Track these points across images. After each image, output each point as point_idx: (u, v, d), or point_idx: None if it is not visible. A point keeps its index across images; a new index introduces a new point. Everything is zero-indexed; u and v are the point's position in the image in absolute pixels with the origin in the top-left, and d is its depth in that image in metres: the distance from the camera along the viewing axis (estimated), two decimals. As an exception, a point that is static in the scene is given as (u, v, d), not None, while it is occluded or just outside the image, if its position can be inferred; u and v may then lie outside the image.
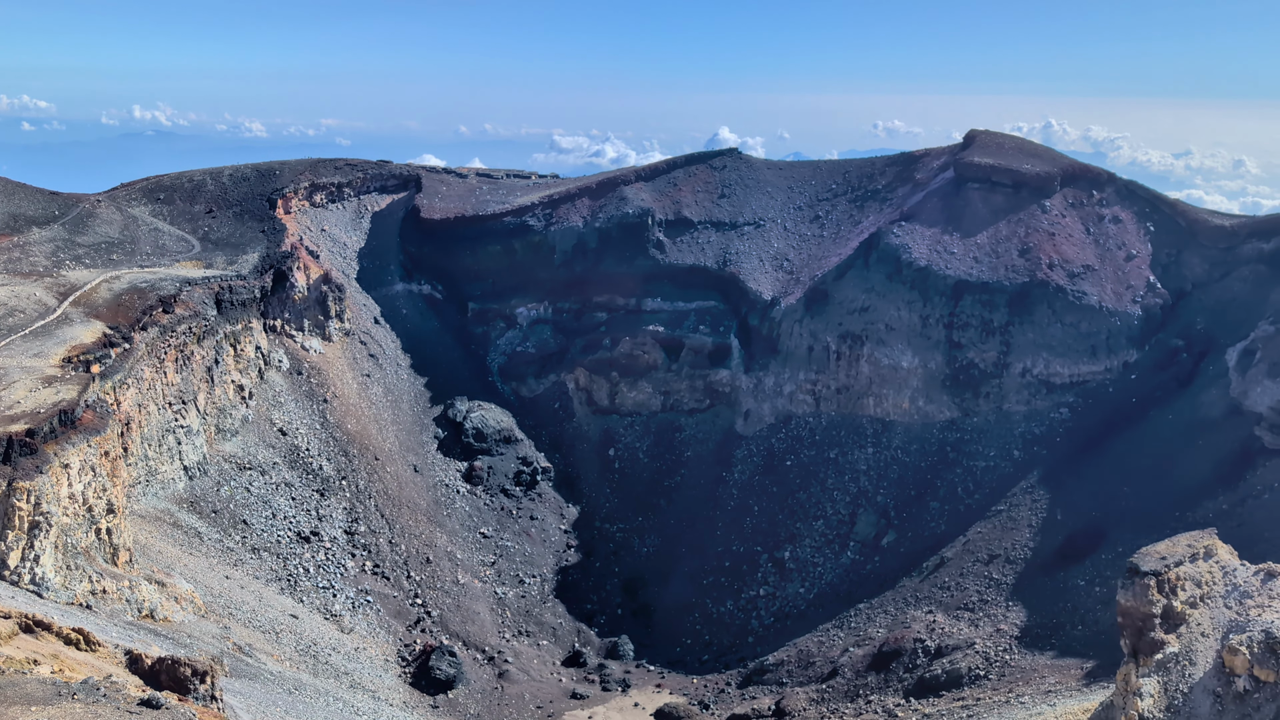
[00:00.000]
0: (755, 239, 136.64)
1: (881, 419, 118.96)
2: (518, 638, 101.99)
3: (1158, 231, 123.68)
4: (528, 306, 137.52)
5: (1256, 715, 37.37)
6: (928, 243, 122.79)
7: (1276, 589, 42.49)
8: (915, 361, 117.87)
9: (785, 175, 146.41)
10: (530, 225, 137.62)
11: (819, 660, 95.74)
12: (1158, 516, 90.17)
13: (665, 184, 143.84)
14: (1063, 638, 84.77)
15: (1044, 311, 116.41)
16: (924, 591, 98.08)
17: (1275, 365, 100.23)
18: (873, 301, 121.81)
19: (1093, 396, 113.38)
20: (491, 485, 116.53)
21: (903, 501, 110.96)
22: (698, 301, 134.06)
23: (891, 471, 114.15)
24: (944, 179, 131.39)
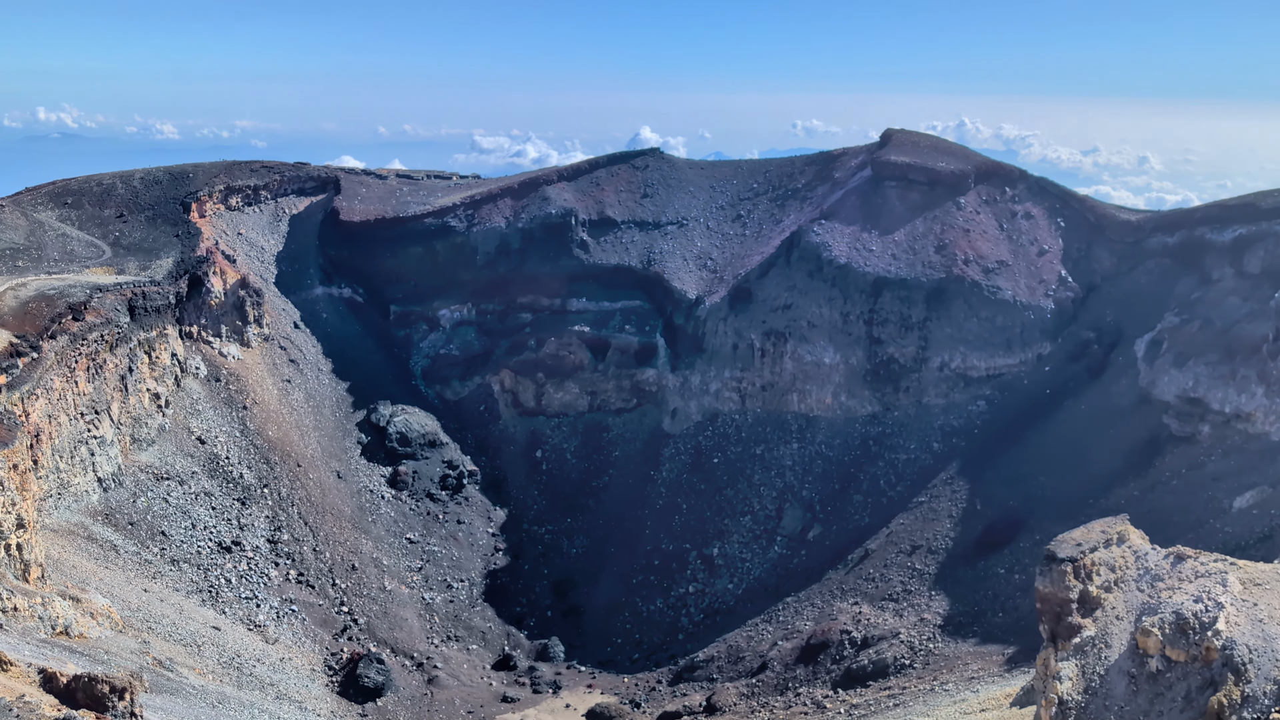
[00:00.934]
0: (679, 238, 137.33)
1: (806, 415, 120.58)
2: (446, 643, 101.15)
3: (1068, 227, 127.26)
4: (451, 308, 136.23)
5: (1168, 694, 38.74)
6: (847, 240, 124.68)
7: (1186, 571, 44.05)
8: (837, 357, 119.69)
9: (707, 175, 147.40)
10: (452, 226, 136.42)
11: (748, 655, 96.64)
12: (1073, 504, 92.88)
13: (588, 184, 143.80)
14: (984, 625, 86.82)
15: (960, 306, 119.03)
16: (850, 583, 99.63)
17: (1181, 355, 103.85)
18: (795, 299, 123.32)
19: (1008, 389, 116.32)
20: (417, 490, 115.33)
21: (827, 495, 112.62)
22: (623, 301, 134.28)
23: (816, 466, 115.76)
24: (862, 178, 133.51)
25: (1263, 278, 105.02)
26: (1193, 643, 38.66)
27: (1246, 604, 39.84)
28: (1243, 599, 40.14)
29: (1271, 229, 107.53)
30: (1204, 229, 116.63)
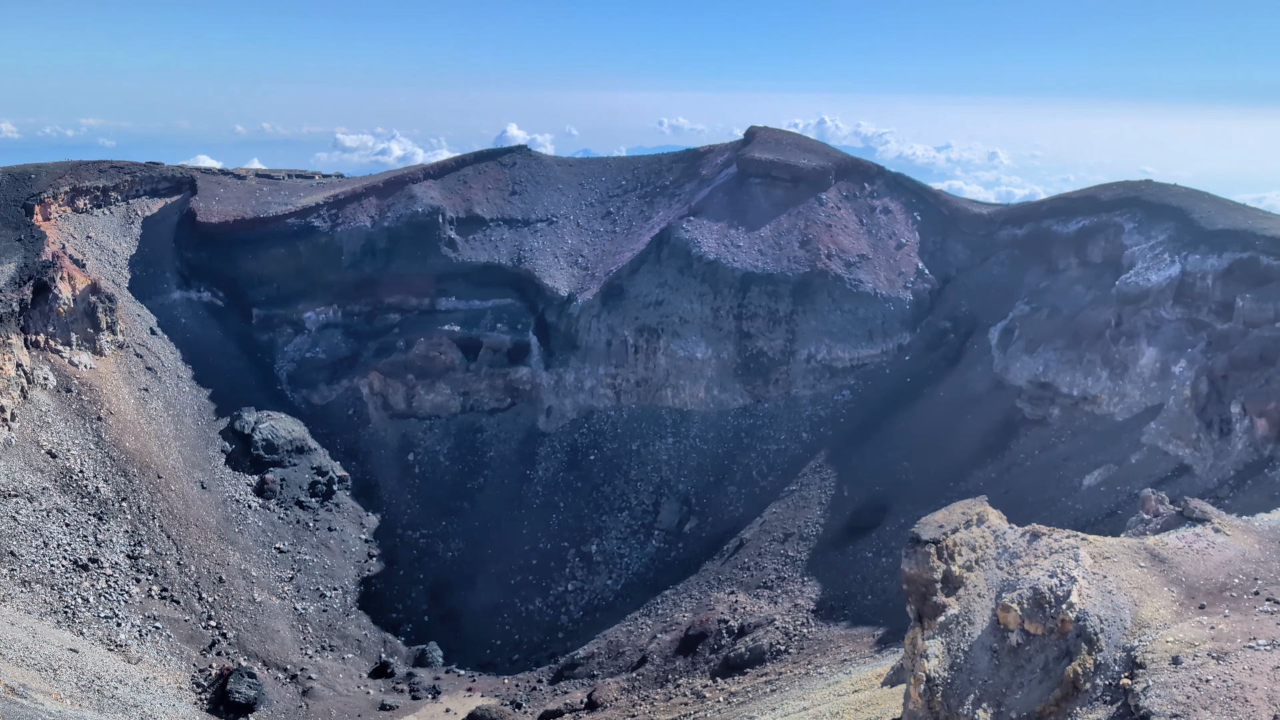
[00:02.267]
0: (549, 236, 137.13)
1: (680, 409, 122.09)
2: (321, 653, 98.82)
3: (924, 221, 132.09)
4: (316, 311, 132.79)
5: (1028, 665, 40.72)
6: (715, 237, 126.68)
7: (1041, 548, 46.32)
8: (709, 352, 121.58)
9: (576, 172, 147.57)
10: (316, 227, 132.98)
11: (628, 649, 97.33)
12: (935, 487, 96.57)
13: (455, 182, 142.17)
14: (855, 608, 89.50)
15: (825, 300, 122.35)
16: (726, 573, 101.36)
17: (1032, 342, 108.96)
18: (666, 295, 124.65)
19: (871, 378, 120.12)
20: (285, 498, 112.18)
21: (702, 488, 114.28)
22: (494, 300, 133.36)
23: (691, 459, 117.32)
24: (728, 174, 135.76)
25: (1104, 266, 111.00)
26: (1049, 616, 40.69)
27: (1097, 577, 42.16)
28: (1093, 572, 42.47)
29: (1111, 220, 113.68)
30: (1050, 221, 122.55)
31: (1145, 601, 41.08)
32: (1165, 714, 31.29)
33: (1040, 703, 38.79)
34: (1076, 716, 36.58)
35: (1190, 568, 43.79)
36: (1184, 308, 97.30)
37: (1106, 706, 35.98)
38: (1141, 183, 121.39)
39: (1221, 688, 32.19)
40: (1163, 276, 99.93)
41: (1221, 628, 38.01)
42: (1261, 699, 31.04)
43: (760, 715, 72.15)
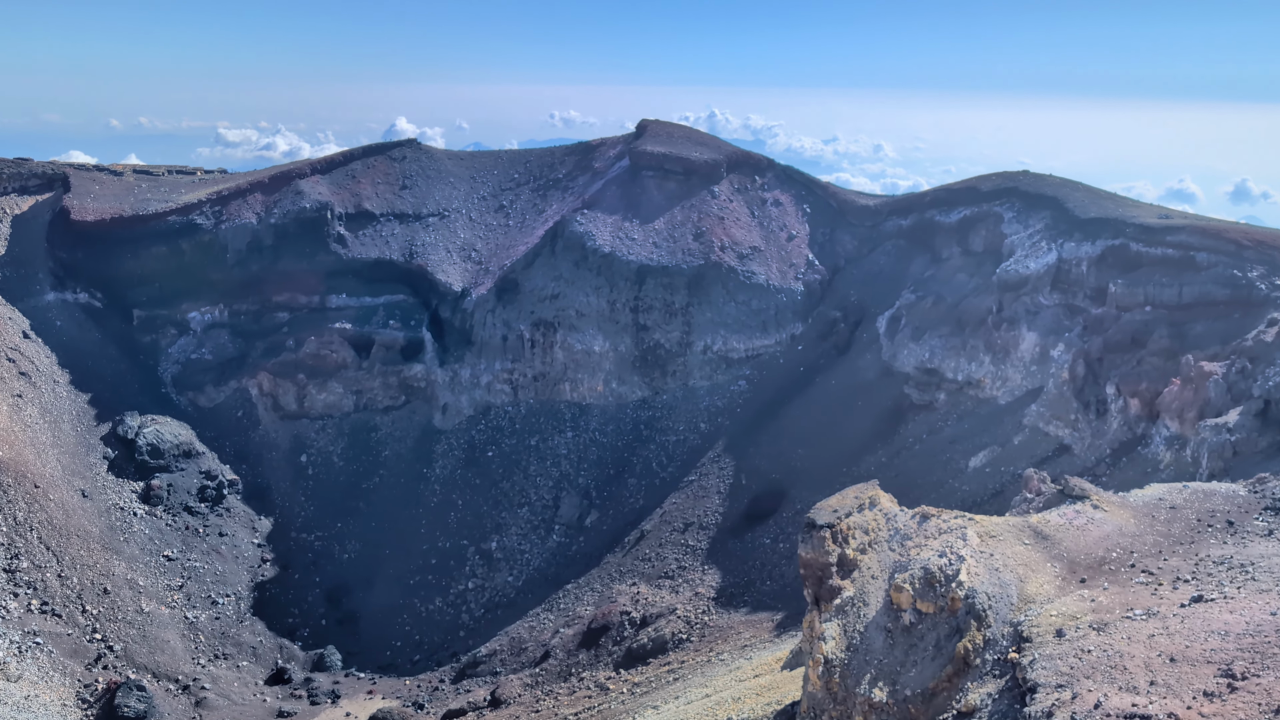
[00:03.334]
0: (441, 230, 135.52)
1: (578, 403, 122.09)
2: (214, 662, 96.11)
3: (813, 212, 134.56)
4: (201, 310, 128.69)
5: (921, 644, 41.97)
6: (610, 229, 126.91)
7: (931, 529, 47.74)
8: (606, 345, 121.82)
9: (467, 165, 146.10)
10: (199, 224, 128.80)
11: (531, 645, 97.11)
12: (829, 473, 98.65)
13: (343, 176, 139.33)
14: (754, 594, 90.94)
15: (719, 291, 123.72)
16: (627, 565, 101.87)
17: (918, 330, 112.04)
18: (562, 289, 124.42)
19: (766, 368, 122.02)
20: (173, 504, 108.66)
21: (603, 481, 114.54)
22: (386, 296, 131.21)
23: (590, 453, 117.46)
24: (621, 167, 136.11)
25: (985, 255, 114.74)
26: (940, 594, 41.97)
27: (984, 555, 43.65)
28: (981, 551, 43.95)
29: (991, 210, 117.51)
30: (933, 211, 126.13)
31: (1030, 577, 42.70)
32: (1050, 685, 32.60)
33: (933, 679, 40.02)
34: (968, 691, 37.86)
35: (1071, 544, 45.67)
36: (1061, 294, 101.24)
37: (996, 680, 37.31)
38: (1019, 173, 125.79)
39: (1102, 658, 33.67)
40: (1040, 264, 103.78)
41: (1101, 600, 39.75)
42: (1139, 666, 32.57)
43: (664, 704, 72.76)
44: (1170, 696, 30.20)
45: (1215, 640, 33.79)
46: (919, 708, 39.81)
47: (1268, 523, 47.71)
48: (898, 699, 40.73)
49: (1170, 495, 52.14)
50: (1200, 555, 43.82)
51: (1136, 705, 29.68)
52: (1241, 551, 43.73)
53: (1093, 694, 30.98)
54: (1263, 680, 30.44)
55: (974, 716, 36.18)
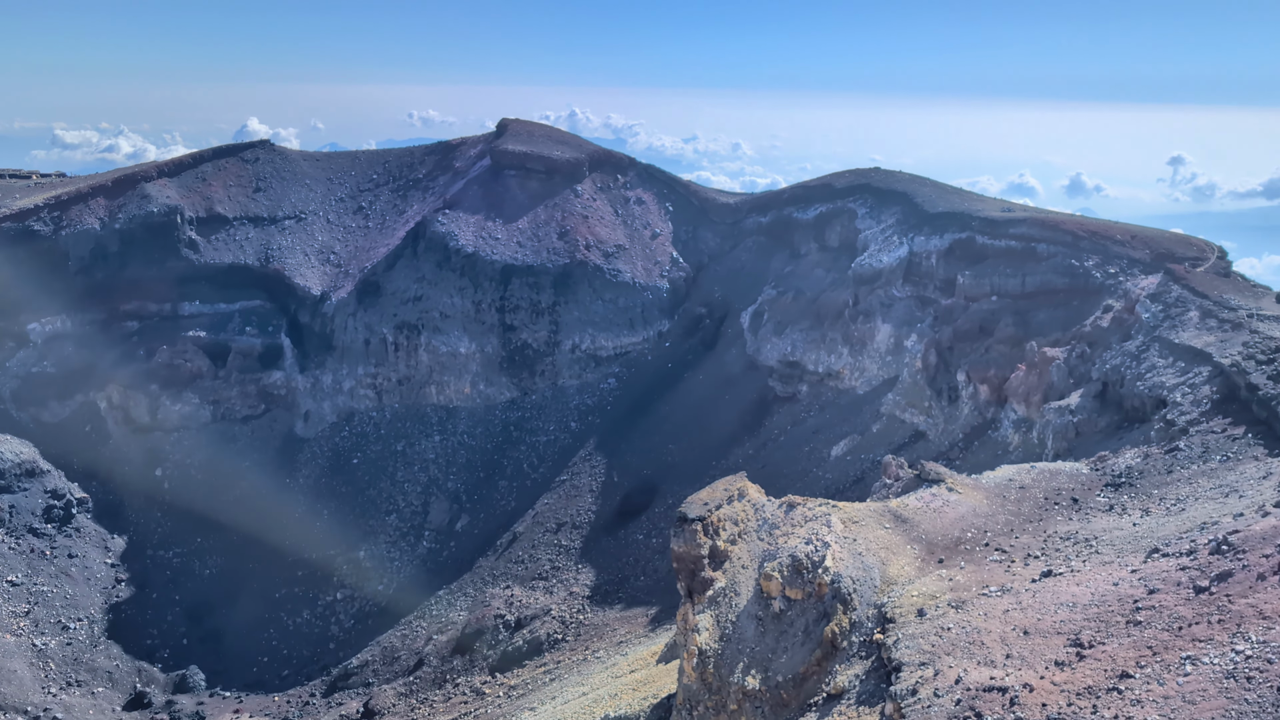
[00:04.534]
0: (298, 233, 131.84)
1: (445, 406, 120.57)
2: (67, 689, 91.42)
3: (676, 210, 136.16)
4: (42, 321, 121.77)
5: (790, 630, 43.06)
6: (473, 229, 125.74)
7: (797, 517, 48.99)
8: (473, 346, 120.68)
9: (324, 166, 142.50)
10: (36, 231, 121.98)
11: (404, 654, 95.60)
12: (699, 467, 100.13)
13: (193, 179, 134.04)
14: (628, 590, 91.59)
15: (586, 290, 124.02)
16: (500, 568, 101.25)
17: (780, 324, 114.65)
18: (425, 290, 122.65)
19: (634, 365, 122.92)
20: (16, 526, 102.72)
21: (472, 484, 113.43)
22: (241, 302, 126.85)
23: (459, 456, 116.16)
24: (482, 167, 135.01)
25: (841, 250, 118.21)
26: (807, 581, 43.11)
27: (848, 540, 45.02)
28: (844, 536, 45.32)
29: (846, 206, 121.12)
30: (791, 209, 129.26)
31: (892, 560, 44.27)
32: (914, 663, 33.89)
33: (803, 664, 41.09)
34: (836, 674, 39.03)
35: (929, 526, 47.52)
36: (912, 286, 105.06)
37: (863, 662, 38.57)
38: (871, 170, 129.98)
39: (961, 634, 35.17)
40: (893, 258, 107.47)
41: (958, 579, 41.50)
42: (995, 641, 34.15)
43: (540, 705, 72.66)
44: (1025, 668, 31.79)
45: (1064, 612, 35.70)
46: (790, 693, 40.83)
47: (1108, 498, 50.60)
48: (770, 685, 41.67)
49: (1019, 476, 54.78)
50: (1048, 532, 46.19)
51: (994, 678, 31.16)
52: (1086, 526, 46.28)
53: (953, 670, 32.36)
54: (1108, 647, 32.34)
55: (843, 698, 37.31)
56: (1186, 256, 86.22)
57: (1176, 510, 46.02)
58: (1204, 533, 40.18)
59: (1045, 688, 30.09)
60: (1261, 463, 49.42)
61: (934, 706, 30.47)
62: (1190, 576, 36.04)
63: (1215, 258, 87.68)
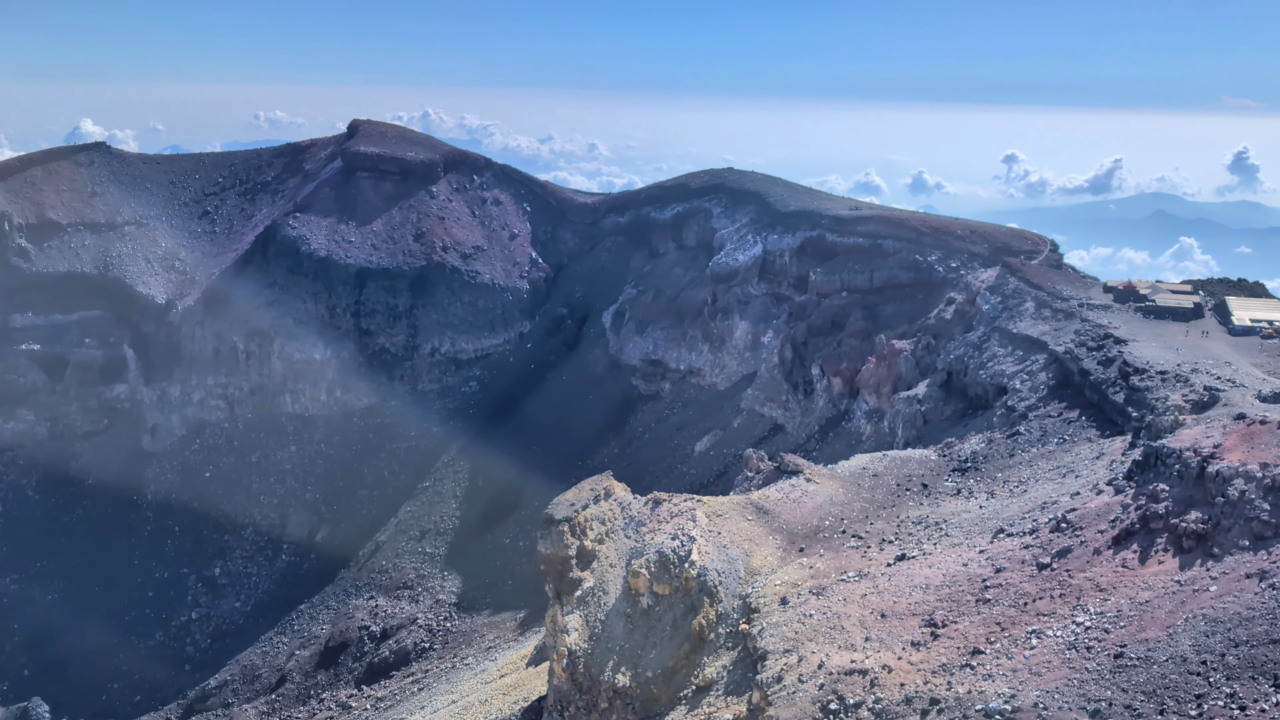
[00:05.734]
0: (139, 240, 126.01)
1: (301, 415, 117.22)
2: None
3: (534, 211, 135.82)
4: None
5: (659, 625, 43.65)
6: (325, 233, 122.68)
7: (663, 514, 49.68)
8: (328, 353, 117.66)
9: (165, 170, 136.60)
10: None
11: (265, 671, 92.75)
12: (564, 468, 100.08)
13: (22, 184, 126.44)
14: (496, 595, 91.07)
15: (444, 292, 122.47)
16: (364, 579, 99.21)
17: (641, 323, 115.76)
18: (277, 296, 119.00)
19: (496, 368, 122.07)
20: None
21: (332, 494, 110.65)
22: (79, 312, 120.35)
23: (317, 466, 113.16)
24: (334, 169, 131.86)
25: (699, 249, 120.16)
26: (674, 576, 43.77)
27: (713, 534, 45.91)
28: (709, 530, 46.20)
29: (701, 206, 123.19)
30: (648, 208, 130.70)
31: (755, 551, 45.36)
32: (778, 651, 34.85)
33: (673, 658, 41.73)
34: (705, 666, 39.79)
35: (789, 516, 48.87)
36: (768, 283, 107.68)
37: (730, 652, 39.43)
38: (725, 170, 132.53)
39: (823, 620, 36.35)
40: (748, 256, 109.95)
41: (819, 566, 42.83)
42: (855, 625, 35.42)
43: (410, 716, 71.66)
44: (883, 650, 33.10)
45: (919, 594, 37.29)
46: (660, 688, 41.41)
47: (956, 482, 53.00)
48: (640, 681, 42.17)
49: (872, 464, 56.86)
50: (901, 517, 48.09)
51: (855, 661, 32.34)
52: (936, 510, 48.38)
53: (816, 655, 33.44)
54: (960, 626, 33.96)
55: (711, 690, 38.09)
56: (1022, 250, 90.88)
57: (1019, 492, 48.53)
58: (1044, 512, 42.53)
59: (903, 668, 31.40)
60: (1094, 444, 52.56)
61: (799, 692, 31.43)
62: (1033, 554, 38.12)
63: (1048, 251, 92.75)
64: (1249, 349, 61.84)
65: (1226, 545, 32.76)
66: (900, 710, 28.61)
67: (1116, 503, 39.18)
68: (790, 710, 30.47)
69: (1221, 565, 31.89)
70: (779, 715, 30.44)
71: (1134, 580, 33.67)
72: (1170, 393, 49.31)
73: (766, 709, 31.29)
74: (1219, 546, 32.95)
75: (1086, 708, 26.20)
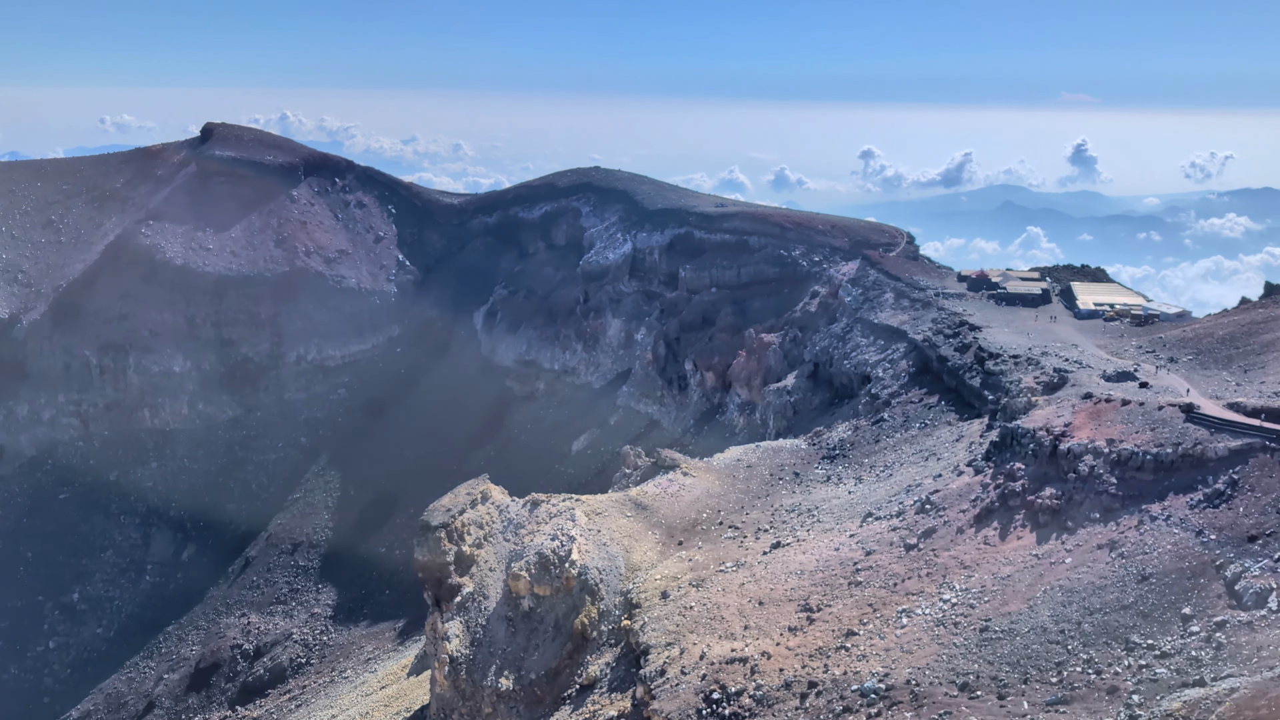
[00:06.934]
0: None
1: (162, 430, 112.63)
2: None
3: (400, 213, 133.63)
4: None
5: (541, 627, 43.74)
6: (181, 241, 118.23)
7: (541, 514, 49.76)
8: (188, 365, 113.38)
9: (3, 177, 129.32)
10: None
11: (131, 698, 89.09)
12: (439, 473, 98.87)
13: None
14: (374, 605, 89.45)
15: (308, 298, 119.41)
16: (234, 596, 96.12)
17: (513, 324, 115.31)
18: (132, 308, 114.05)
19: (366, 373, 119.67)
20: None
21: (198, 511, 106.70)
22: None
23: (181, 482, 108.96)
24: (188, 174, 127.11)
25: (569, 248, 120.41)
26: (555, 576, 43.93)
27: (592, 532, 46.22)
28: (589, 529, 46.49)
29: (570, 205, 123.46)
30: (516, 208, 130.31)
31: (635, 547, 45.85)
32: (661, 644, 35.35)
33: (556, 659, 41.88)
34: (588, 665, 40.06)
35: (668, 510, 49.53)
36: (638, 281, 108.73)
37: (613, 649, 39.80)
38: (592, 169, 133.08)
39: (703, 611, 37.00)
40: (618, 254, 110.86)
41: (698, 558, 43.58)
42: (734, 614, 36.17)
43: (289, 733, 69.94)
44: (762, 637, 33.92)
45: (794, 580, 38.31)
46: (545, 689, 41.52)
47: (826, 470, 54.58)
48: (524, 684, 42.19)
49: (746, 455, 58.10)
50: (775, 506, 49.29)
51: (735, 650, 33.06)
52: (808, 498, 49.75)
53: (697, 647, 34.05)
54: (834, 609, 35.04)
55: (595, 687, 38.38)
56: (880, 243, 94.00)
57: (885, 476, 50.31)
58: (910, 495, 44.20)
59: (781, 653, 32.25)
60: (954, 427, 54.83)
61: (681, 684, 31.96)
62: (901, 536, 39.61)
63: (905, 243, 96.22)
64: (1093, 331, 65.38)
65: (1079, 519, 34.73)
66: (780, 695, 29.41)
67: (977, 483, 41.03)
68: (674, 702, 30.96)
69: (1075, 538, 33.78)
70: (663, 708, 30.89)
71: (995, 556, 35.35)
72: (1023, 375, 51.80)
73: (650, 703, 31.73)
74: (1072, 520, 34.91)
75: (956, 681, 27.41)
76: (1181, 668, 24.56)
